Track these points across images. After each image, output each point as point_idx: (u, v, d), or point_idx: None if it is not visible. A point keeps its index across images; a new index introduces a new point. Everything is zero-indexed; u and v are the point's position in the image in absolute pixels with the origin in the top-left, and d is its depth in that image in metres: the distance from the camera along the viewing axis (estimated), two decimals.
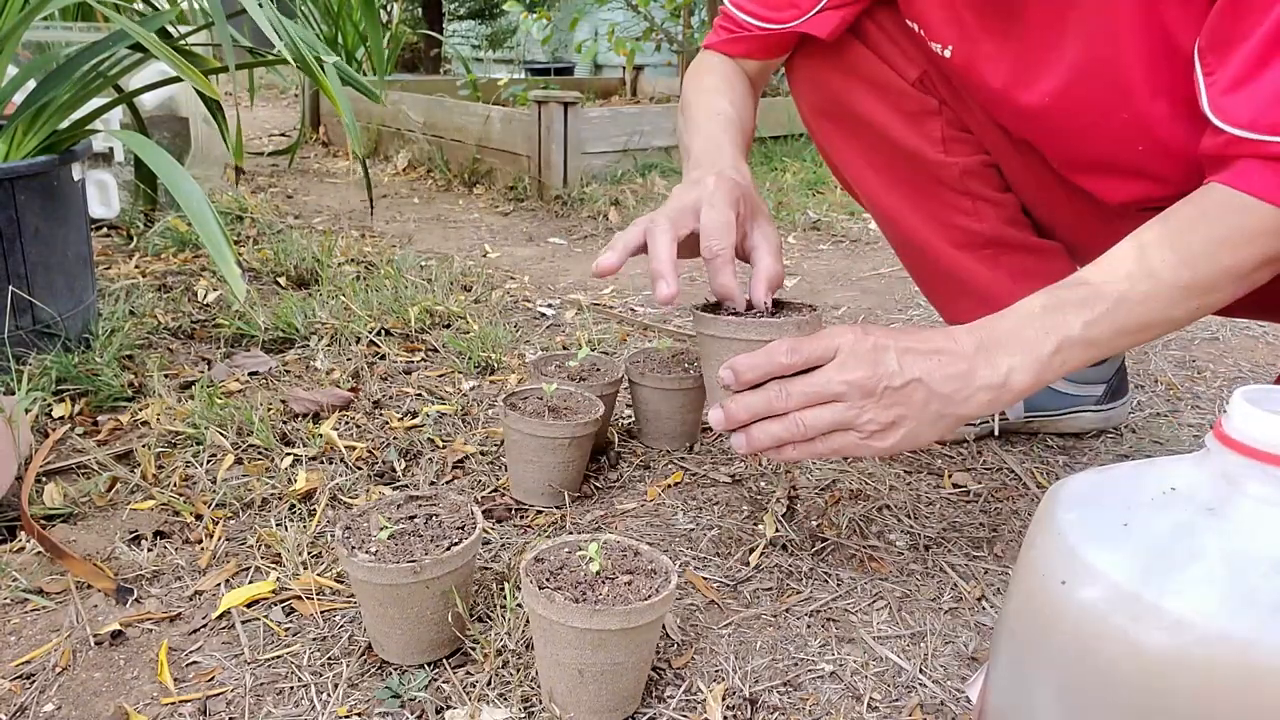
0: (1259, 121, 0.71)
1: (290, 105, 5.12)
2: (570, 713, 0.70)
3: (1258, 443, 0.46)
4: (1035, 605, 0.51)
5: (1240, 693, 0.43)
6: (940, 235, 1.11)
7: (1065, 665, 0.49)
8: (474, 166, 2.97)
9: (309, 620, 0.82)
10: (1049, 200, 1.07)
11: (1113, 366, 1.23)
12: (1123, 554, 0.47)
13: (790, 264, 2.17)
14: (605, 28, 3.65)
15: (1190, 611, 0.44)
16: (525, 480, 1.02)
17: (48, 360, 1.24)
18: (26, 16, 1.25)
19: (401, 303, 1.61)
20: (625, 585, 0.70)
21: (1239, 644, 0.42)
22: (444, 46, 5.60)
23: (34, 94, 1.29)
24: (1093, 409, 1.23)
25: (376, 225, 2.42)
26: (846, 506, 1.04)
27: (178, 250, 1.93)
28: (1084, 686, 0.48)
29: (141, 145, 1.15)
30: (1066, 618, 0.48)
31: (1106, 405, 1.24)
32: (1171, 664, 0.44)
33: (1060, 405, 1.22)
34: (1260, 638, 0.42)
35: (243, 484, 1.03)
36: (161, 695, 0.73)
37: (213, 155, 2.43)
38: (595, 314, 1.71)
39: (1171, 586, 0.45)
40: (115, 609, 0.83)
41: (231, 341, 1.48)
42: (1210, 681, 0.43)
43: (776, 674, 0.77)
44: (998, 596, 0.89)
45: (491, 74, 4.59)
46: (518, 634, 0.79)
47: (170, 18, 1.49)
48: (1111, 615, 0.46)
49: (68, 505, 0.98)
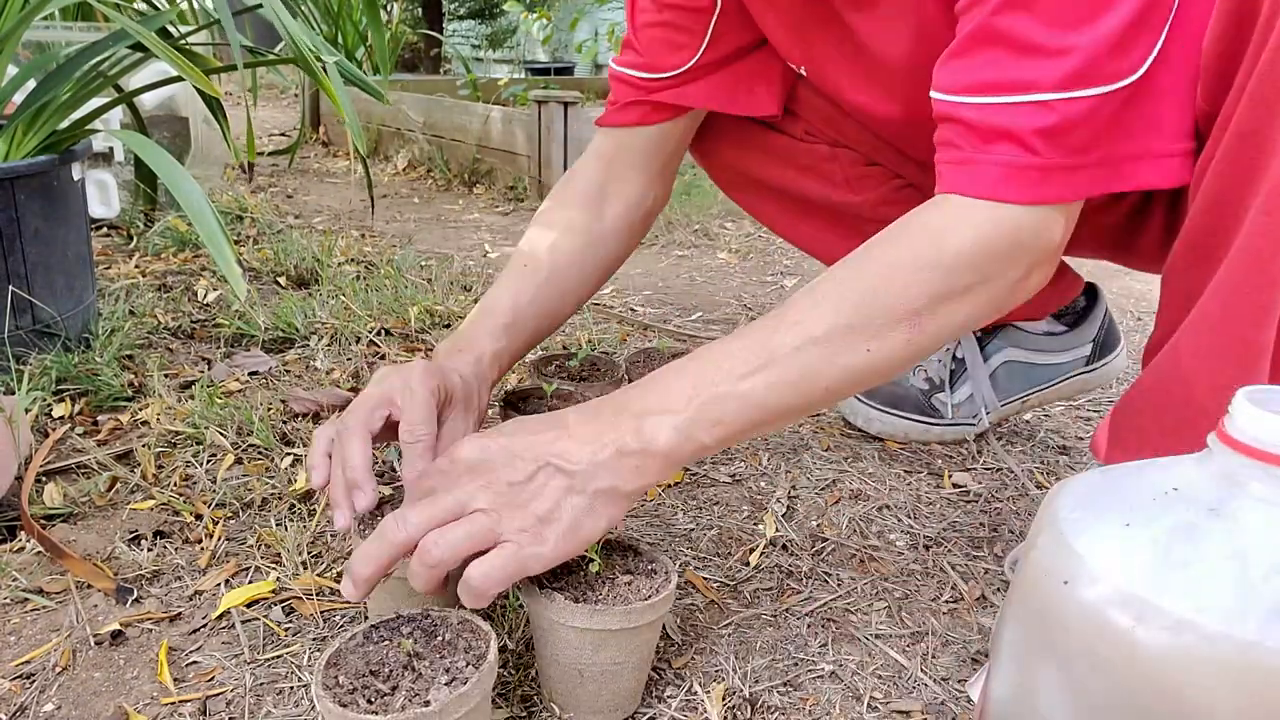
0: (965, 84, 0.65)
1: (290, 105, 5.12)
2: (570, 713, 0.70)
3: (1260, 443, 0.45)
4: (1037, 605, 0.51)
5: (1242, 694, 0.43)
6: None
7: (1068, 665, 0.49)
8: (474, 166, 2.97)
9: (309, 620, 0.82)
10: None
11: (1094, 325, 1.21)
12: (1125, 554, 0.47)
13: (790, 264, 2.17)
14: (605, 28, 3.65)
15: (1192, 612, 0.44)
16: None
17: (48, 360, 1.24)
18: (26, 16, 1.25)
19: (401, 303, 1.61)
20: (625, 585, 0.70)
21: (1241, 645, 0.42)
22: (444, 46, 5.60)
23: (34, 94, 1.28)
24: (1085, 370, 1.22)
25: (376, 225, 2.42)
26: (846, 506, 1.04)
27: (178, 250, 1.93)
28: (1087, 687, 0.48)
29: (141, 145, 1.15)
30: (1069, 618, 0.48)
31: (1099, 362, 1.23)
32: (1174, 664, 0.44)
33: (1048, 378, 1.21)
34: (1262, 639, 0.42)
35: (243, 484, 1.03)
36: (161, 695, 0.73)
37: (213, 155, 2.43)
38: (595, 314, 1.71)
39: (1173, 587, 0.45)
40: (115, 609, 0.83)
41: (231, 341, 1.48)
42: (1212, 682, 0.43)
43: (776, 674, 0.77)
44: (998, 596, 0.89)
45: (491, 74, 4.60)
46: (518, 634, 0.79)
47: (170, 17, 1.49)
48: (1114, 615, 0.46)
49: (68, 505, 0.98)
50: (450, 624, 0.65)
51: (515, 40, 6.97)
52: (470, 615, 0.65)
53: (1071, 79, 0.62)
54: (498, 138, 2.86)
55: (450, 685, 0.59)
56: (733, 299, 1.89)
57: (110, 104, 1.43)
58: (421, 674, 0.60)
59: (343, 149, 3.56)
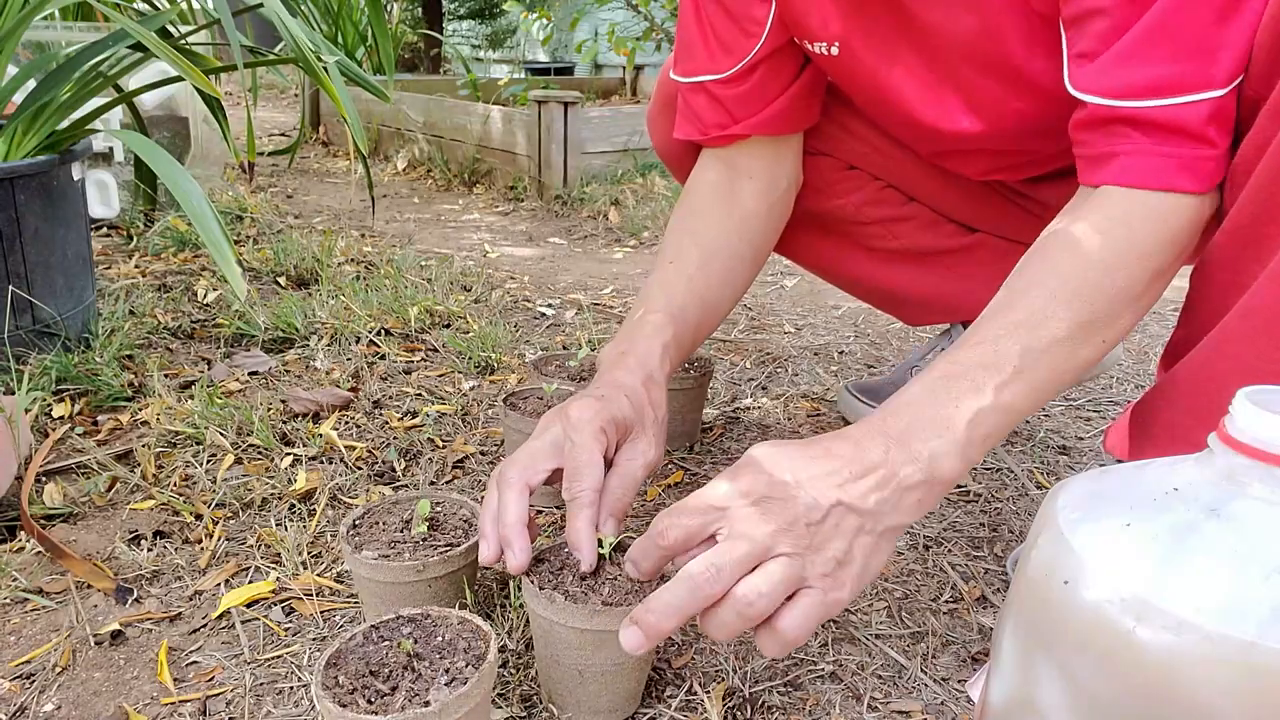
0: (1126, 88, 0.65)
1: (290, 105, 5.12)
2: (570, 713, 0.70)
3: (1261, 443, 0.45)
4: (1038, 605, 0.51)
5: (1243, 694, 0.43)
6: (868, 263, 1.13)
7: (1068, 665, 0.49)
8: (474, 166, 2.97)
9: (309, 620, 0.82)
10: (917, 184, 1.07)
11: None
12: (1125, 555, 0.47)
13: (790, 264, 2.17)
14: (605, 27, 3.65)
15: (1192, 612, 0.44)
16: None
17: (48, 360, 1.24)
18: (26, 16, 1.25)
19: (401, 302, 1.61)
20: (626, 586, 0.70)
21: (1241, 645, 0.42)
22: (444, 46, 5.60)
23: (34, 94, 1.28)
24: None
25: (376, 225, 2.42)
26: None
27: (178, 250, 1.93)
28: (1087, 687, 0.48)
29: (141, 145, 1.15)
30: (1070, 618, 0.48)
31: None
32: (1174, 665, 0.44)
33: None
34: (1262, 639, 0.42)
35: (243, 484, 1.03)
36: (161, 695, 0.73)
37: (213, 155, 2.43)
38: (595, 314, 1.71)
39: (1173, 587, 0.45)
40: (115, 609, 0.83)
41: (231, 341, 1.48)
42: (1212, 682, 0.43)
43: (776, 674, 0.77)
44: (998, 596, 0.89)
45: (491, 74, 4.60)
46: (518, 634, 0.79)
47: (171, 17, 1.49)
48: (1115, 616, 0.46)
49: (68, 505, 0.98)
50: (450, 624, 0.65)
51: (515, 40, 6.97)
52: (470, 615, 0.65)
53: (1231, 73, 0.64)
54: (498, 138, 2.86)
55: (450, 685, 0.59)
56: None
57: (110, 104, 1.43)
58: (421, 674, 0.60)
59: (343, 149, 3.56)
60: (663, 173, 2.88)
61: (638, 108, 3.19)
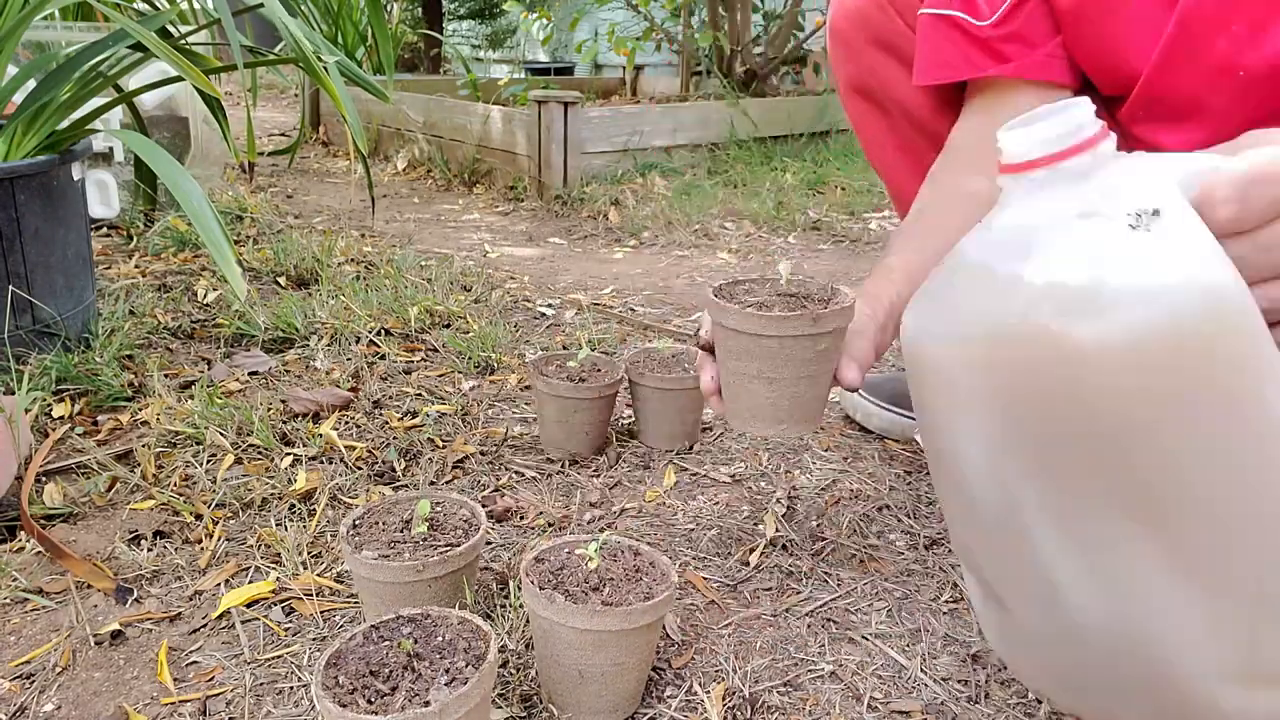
0: None
1: (290, 105, 5.12)
2: (570, 713, 0.70)
3: (1013, 157, 0.55)
4: (914, 369, 0.65)
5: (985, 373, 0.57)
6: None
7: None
8: (474, 166, 2.97)
9: (309, 620, 0.82)
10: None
11: None
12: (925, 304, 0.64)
13: (790, 263, 2.17)
14: (605, 27, 3.65)
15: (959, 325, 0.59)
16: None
17: (48, 360, 1.24)
18: (26, 16, 1.25)
19: (401, 302, 1.61)
20: (625, 586, 0.70)
21: (1014, 335, 0.54)
22: (444, 46, 5.60)
23: (34, 94, 1.28)
24: None
25: (376, 225, 2.42)
26: (846, 506, 1.04)
27: (178, 250, 1.93)
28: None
29: (141, 145, 1.15)
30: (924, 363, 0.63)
31: None
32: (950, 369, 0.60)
33: None
34: (1025, 322, 0.52)
35: (243, 484, 1.03)
36: (161, 695, 0.73)
37: (213, 155, 2.43)
38: (595, 314, 1.71)
39: (948, 305, 0.60)
40: (115, 609, 0.83)
41: (231, 341, 1.48)
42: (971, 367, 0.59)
43: (776, 674, 0.77)
44: None
45: (491, 74, 4.59)
46: (518, 634, 0.79)
47: (171, 17, 1.49)
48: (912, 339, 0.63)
49: (68, 505, 0.98)
50: (450, 624, 0.65)
51: (515, 40, 6.97)
52: (470, 615, 0.65)
53: None
54: (497, 138, 2.86)
55: (450, 685, 0.59)
56: None
57: (110, 104, 1.43)
58: (421, 674, 0.60)
59: (343, 149, 3.56)
60: (662, 172, 2.88)
61: (638, 108, 3.18)
